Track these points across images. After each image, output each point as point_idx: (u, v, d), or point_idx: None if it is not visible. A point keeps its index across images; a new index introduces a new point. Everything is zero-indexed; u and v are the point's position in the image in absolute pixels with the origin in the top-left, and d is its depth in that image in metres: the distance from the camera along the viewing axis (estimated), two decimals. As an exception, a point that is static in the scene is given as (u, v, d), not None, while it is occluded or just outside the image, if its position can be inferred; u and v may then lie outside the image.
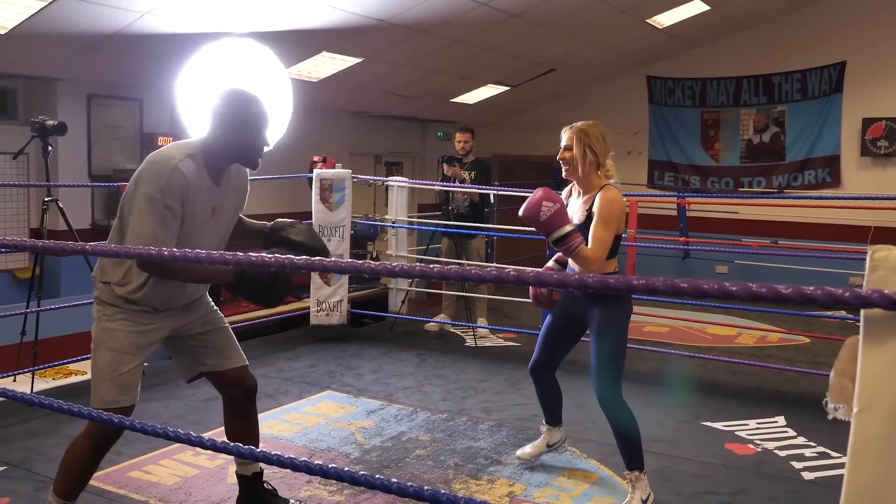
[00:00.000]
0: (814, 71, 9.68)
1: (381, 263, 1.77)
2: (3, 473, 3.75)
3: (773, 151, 10.04)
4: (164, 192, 2.73)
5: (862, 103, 9.38)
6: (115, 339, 2.88)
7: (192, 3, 5.74)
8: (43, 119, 5.58)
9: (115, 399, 2.87)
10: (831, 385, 1.51)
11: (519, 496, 3.65)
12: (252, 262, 1.83)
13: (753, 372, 5.75)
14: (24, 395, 2.38)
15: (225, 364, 3.21)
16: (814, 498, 3.66)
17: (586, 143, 3.53)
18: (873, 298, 1.23)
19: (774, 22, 9.83)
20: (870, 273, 1.30)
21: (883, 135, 9.26)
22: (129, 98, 7.61)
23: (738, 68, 10.11)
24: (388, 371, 5.71)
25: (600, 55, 9.61)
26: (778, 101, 9.96)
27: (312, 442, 4.30)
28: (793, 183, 9.89)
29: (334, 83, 8.23)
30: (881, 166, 9.35)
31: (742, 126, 10.22)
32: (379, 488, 1.67)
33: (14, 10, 5.24)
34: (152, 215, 2.73)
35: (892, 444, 1.27)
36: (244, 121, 2.88)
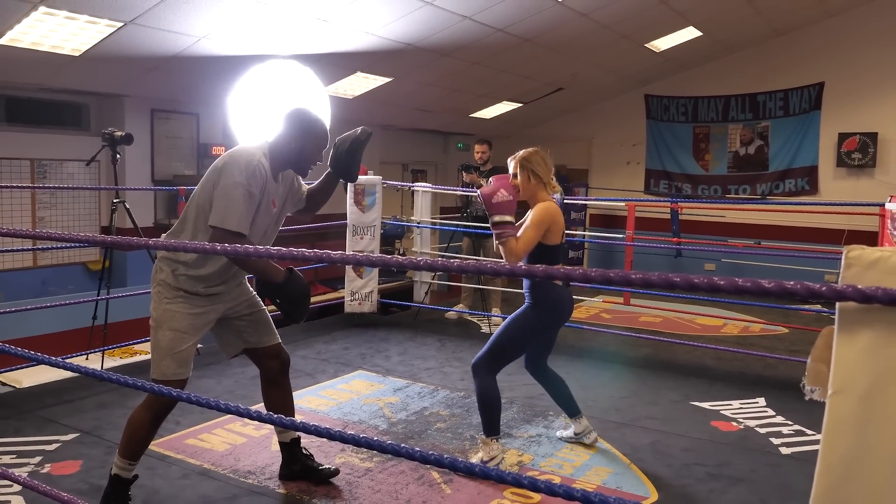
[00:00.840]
0: (795, 90, 9.60)
1: (407, 258, 1.77)
2: (76, 439, 3.80)
3: (758, 162, 9.95)
4: (249, 181, 2.83)
5: (838, 119, 9.30)
6: (176, 319, 2.94)
7: (243, 28, 5.77)
8: (112, 131, 5.64)
9: (175, 372, 2.95)
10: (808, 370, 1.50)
11: (527, 465, 3.65)
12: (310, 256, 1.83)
13: (737, 358, 5.70)
14: (95, 371, 2.41)
15: (265, 342, 3.26)
16: (790, 471, 3.62)
17: (529, 169, 3.52)
18: (848, 293, 1.22)
19: (759, 46, 9.76)
20: (845, 270, 1.29)
21: (857, 148, 9.16)
22: (187, 112, 7.67)
23: (727, 88, 10.05)
24: (412, 354, 5.73)
25: (603, 76, 9.57)
26: (762, 118, 9.88)
27: (346, 415, 4.32)
28: (775, 190, 9.81)
29: (367, 100, 8.25)
30: (855, 176, 9.26)
31: (730, 139, 10.14)
32: (404, 456, 1.68)
33: (87, 35, 5.30)
34: (239, 198, 2.81)
35: (863, 423, 1.26)
36: (310, 136, 3.06)
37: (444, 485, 3.38)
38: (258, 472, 3.46)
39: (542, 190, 3.54)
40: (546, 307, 3.53)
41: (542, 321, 3.56)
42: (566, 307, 3.63)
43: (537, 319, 3.54)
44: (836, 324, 1.29)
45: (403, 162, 11.15)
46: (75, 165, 6.83)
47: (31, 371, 5.08)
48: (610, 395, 4.78)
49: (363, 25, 6.20)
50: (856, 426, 1.27)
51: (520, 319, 3.54)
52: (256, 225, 2.97)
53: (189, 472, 3.46)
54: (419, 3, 5.94)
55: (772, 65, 9.69)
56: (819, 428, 1.32)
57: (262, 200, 2.95)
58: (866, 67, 9.06)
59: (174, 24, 5.38)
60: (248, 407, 1.93)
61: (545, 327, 3.60)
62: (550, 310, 3.55)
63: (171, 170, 7.53)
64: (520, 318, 3.54)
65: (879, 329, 1.24)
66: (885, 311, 1.23)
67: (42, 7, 4.75)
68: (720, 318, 7.22)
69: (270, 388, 3.33)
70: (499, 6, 6.31)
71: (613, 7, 6.97)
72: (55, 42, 5.28)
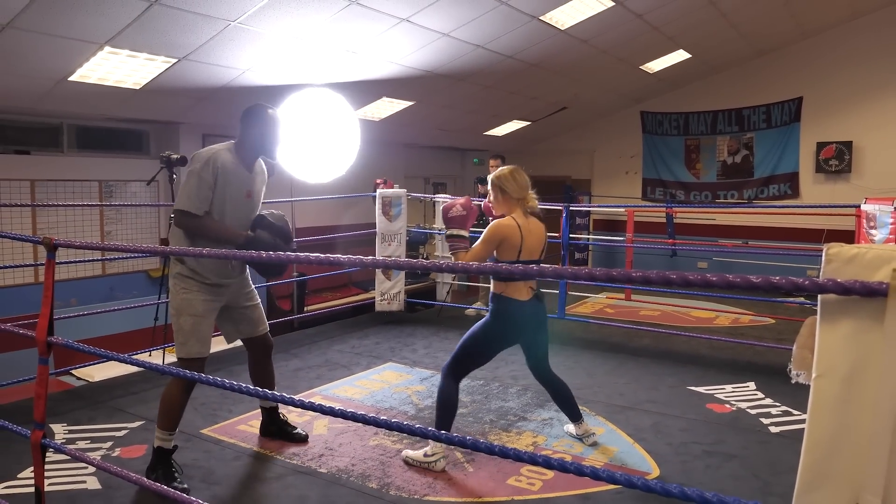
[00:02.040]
0: (776, 105, 9.50)
1: (430, 262, 1.78)
2: (142, 426, 3.84)
3: (744, 170, 9.85)
4: (202, 169, 3.04)
5: (816, 130, 9.19)
6: (194, 306, 3.10)
7: (281, 61, 5.82)
8: (169, 154, 5.71)
9: (199, 352, 3.12)
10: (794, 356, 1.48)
11: (541, 445, 3.63)
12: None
13: (729, 347, 5.64)
14: (157, 365, 2.44)
15: (255, 332, 3.46)
16: (779, 447, 3.58)
17: (498, 187, 3.38)
18: (829, 286, 1.21)
19: (743, 66, 9.67)
20: (825, 265, 1.28)
21: (834, 155, 9.05)
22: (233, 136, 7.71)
23: (715, 104, 9.96)
24: (436, 347, 5.73)
25: (603, 95, 9.53)
26: (747, 130, 9.78)
27: (378, 402, 4.33)
28: (760, 195, 9.70)
29: (392, 121, 8.28)
30: (832, 181, 9.13)
31: (718, 150, 10.05)
32: (431, 438, 1.68)
33: (146, 71, 5.37)
34: (192, 184, 3.02)
35: (844, 404, 1.25)
36: (264, 121, 3.25)
37: (467, 463, 3.37)
38: (301, 454, 3.48)
39: (515, 206, 3.35)
40: (502, 321, 3.28)
41: (498, 334, 3.30)
42: (524, 322, 3.31)
43: (493, 331, 3.30)
44: (818, 314, 1.28)
45: (425, 176, 11.17)
46: (137, 185, 6.92)
47: (101, 367, 5.16)
48: (614, 381, 4.75)
49: (388, 56, 6.23)
50: (838, 406, 1.25)
51: (479, 330, 3.32)
52: (229, 213, 3.14)
53: (241, 454, 3.49)
54: (437, 35, 5.96)
55: (755, 82, 9.60)
56: (804, 408, 1.31)
57: (230, 192, 3.11)
58: (841, 82, 8.96)
59: (221, 58, 5.44)
60: (291, 395, 1.94)
61: (502, 339, 3.33)
62: (506, 324, 3.28)
63: (220, 187, 7.59)
64: (479, 328, 3.33)
65: (858, 318, 1.22)
66: (862, 302, 1.21)
67: (107, 47, 4.83)
68: (713, 310, 7.15)
69: (257, 367, 3.55)
70: (508, 36, 6.32)
71: (611, 34, 6.95)
72: (119, 77, 5.36)
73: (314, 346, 5.70)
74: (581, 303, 7.78)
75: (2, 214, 5.83)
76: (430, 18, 5.58)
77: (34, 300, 2.62)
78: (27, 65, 4.83)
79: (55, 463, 3.24)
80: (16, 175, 6.04)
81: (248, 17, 4.83)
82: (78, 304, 6.24)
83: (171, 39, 4.95)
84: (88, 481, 3.13)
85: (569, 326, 6.16)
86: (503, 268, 1.63)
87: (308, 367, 5.05)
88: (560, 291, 6.12)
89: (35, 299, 2.73)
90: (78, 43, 4.70)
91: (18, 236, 2.93)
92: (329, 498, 3.02)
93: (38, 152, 6.28)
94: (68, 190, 6.45)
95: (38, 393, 2.38)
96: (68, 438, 3.64)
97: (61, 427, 3.80)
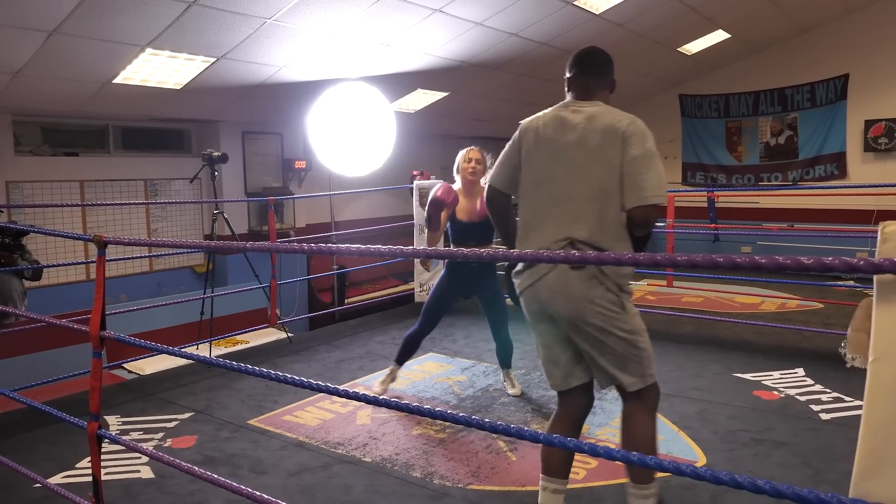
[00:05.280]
0: (821, 83, 9.18)
1: (472, 250, 1.76)
2: (192, 418, 3.93)
3: (788, 151, 9.56)
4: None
5: (864, 107, 8.86)
6: (641, 320, 2.48)
7: (317, 56, 5.86)
8: (210, 152, 5.81)
9: (654, 373, 2.52)
10: (849, 339, 1.43)
11: (584, 434, 3.60)
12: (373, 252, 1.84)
13: (776, 332, 5.50)
14: (205, 357, 2.49)
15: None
16: (830, 434, 3.48)
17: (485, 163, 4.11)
18: (885, 266, 1.16)
19: (785, 44, 9.37)
20: (881, 244, 1.23)
21: (883, 133, 8.72)
22: (272, 132, 7.84)
23: (756, 84, 9.67)
24: (476, 337, 5.72)
25: (640, 79, 9.34)
26: (791, 110, 9.48)
27: (420, 392, 4.35)
28: (805, 176, 9.40)
29: (427, 113, 8.27)
30: (882, 160, 8.80)
31: (760, 131, 9.77)
32: (474, 426, 1.68)
33: (186, 71, 5.46)
34: (659, 164, 2.34)
35: (904, 388, 1.20)
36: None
37: (510, 452, 3.37)
38: (346, 444, 3.52)
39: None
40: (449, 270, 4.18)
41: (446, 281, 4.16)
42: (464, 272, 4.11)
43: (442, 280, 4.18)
44: (874, 295, 1.23)
45: (461, 167, 11.13)
46: (181, 183, 7.06)
47: (151, 360, 5.30)
48: (658, 369, 4.65)
49: (421, 47, 6.22)
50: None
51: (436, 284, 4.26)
52: None
53: (287, 444, 3.54)
54: (470, 24, 5.92)
55: (798, 60, 9.29)
56: (857, 394, 1.27)
57: None
58: (889, 58, 8.61)
59: (258, 56, 5.50)
60: (336, 386, 1.96)
61: (451, 287, 4.18)
62: (450, 272, 4.16)
63: (261, 183, 7.71)
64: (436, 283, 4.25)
65: (917, 299, 1.18)
66: (922, 282, 1.16)
67: (148, 49, 4.93)
68: (758, 296, 6.98)
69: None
70: (542, 22, 6.24)
71: (647, 16, 6.80)
72: (160, 78, 5.47)
73: (356, 337, 5.75)
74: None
75: (54, 214, 6.02)
76: (462, 8, 5.55)
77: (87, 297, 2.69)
78: (73, 69, 4.96)
79: (111, 453, 3.34)
80: (65, 176, 6.22)
81: (283, 14, 4.87)
82: (127, 300, 6.41)
83: (209, 39, 5.02)
84: (142, 470, 3.22)
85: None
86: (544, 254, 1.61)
87: (350, 359, 5.10)
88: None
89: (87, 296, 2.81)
90: (121, 46, 4.80)
91: (71, 234, 3.02)
92: (374, 487, 3.05)
93: (85, 154, 6.46)
94: (115, 189, 6.62)
95: (93, 385, 2.45)
96: (122, 430, 3.75)
97: (115, 419, 3.92)
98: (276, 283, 5.55)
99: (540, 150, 2.45)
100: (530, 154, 2.47)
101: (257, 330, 5.74)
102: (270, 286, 5.53)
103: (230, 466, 3.26)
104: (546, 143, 2.44)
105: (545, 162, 2.43)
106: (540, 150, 2.45)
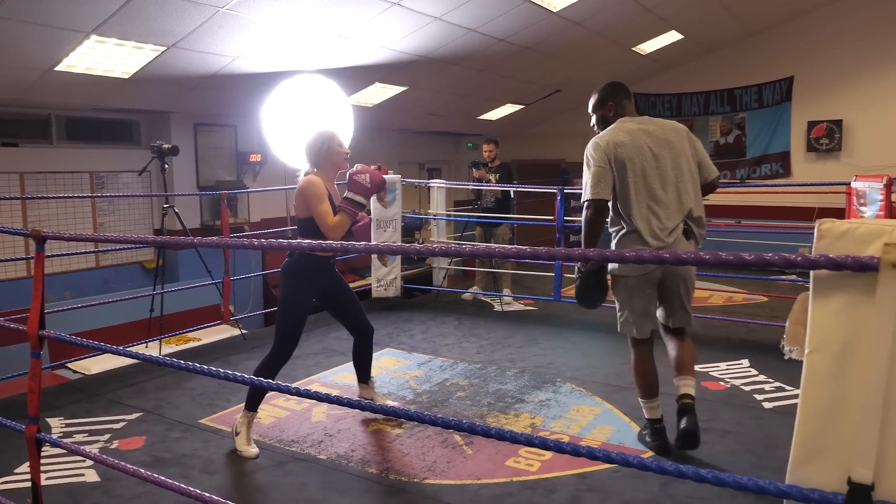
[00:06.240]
0: (768, 84, 9.49)
1: (425, 246, 1.77)
2: (140, 418, 3.84)
3: (737, 150, 9.85)
4: None
5: (807, 109, 9.20)
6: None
7: (272, 47, 5.77)
8: (160, 144, 5.68)
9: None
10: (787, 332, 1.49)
11: (539, 426, 3.65)
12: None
13: (723, 325, 5.67)
14: (154, 357, 2.44)
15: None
16: (773, 423, 3.61)
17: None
18: (821, 261, 1.21)
19: (735, 46, 9.64)
20: (817, 241, 1.28)
21: (824, 134, 9.07)
22: (226, 125, 7.70)
23: (707, 84, 9.94)
24: (433, 332, 5.74)
25: (596, 77, 9.44)
26: (739, 110, 9.78)
27: (377, 388, 4.33)
28: (752, 174, 9.72)
29: (385, 107, 8.24)
30: (823, 160, 9.16)
31: (711, 130, 10.04)
32: (428, 422, 1.69)
33: (135, 60, 5.32)
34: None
35: (837, 378, 1.26)
36: None
37: (466, 446, 3.39)
38: (301, 441, 3.49)
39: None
40: (310, 272, 3.39)
41: (304, 288, 3.39)
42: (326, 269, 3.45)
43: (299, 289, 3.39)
44: (811, 290, 1.28)
45: (420, 161, 11.13)
46: (129, 176, 6.88)
47: (97, 359, 5.15)
48: (611, 361, 4.77)
49: (380, 41, 6.19)
50: (831, 381, 1.26)
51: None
52: None
53: (240, 441, 3.49)
54: (429, 19, 5.91)
55: (747, 62, 9.58)
56: (797, 384, 1.32)
57: None
58: (831, 61, 8.96)
59: (211, 46, 5.39)
60: (288, 384, 1.94)
61: (311, 293, 3.44)
62: (312, 274, 3.40)
63: (214, 176, 7.57)
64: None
65: (850, 293, 1.23)
66: (854, 277, 1.22)
67: (94, 35, 4.78)
68: (706, 290, 7.17)
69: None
70: (500, 18, 6.27)
71: (603, 16, 6.91)
72: (107, 66, 5.31)
73: (311, 333, 5.69)
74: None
75: (-7, 208, 5.80)
76: (421, 2, 5.54)
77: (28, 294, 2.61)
78: (12, 55, 4.77)
79: (54, 457, 3.24)
80: (4, 168, 5.99)
81: (238, 3, 4.79)
82: (72, 297, 6.22)
83: (159, 27, 4.89)
84: (87, 474, 3.13)
85: (564, 308, 6.17)
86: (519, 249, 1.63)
87: (306, 355, 5.06)
88: (556, 274, 6.13)
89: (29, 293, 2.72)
90: (63, 32, 4.64)
91: (7, 229, 2.91)
92: (329, 484, 3.03)
93: (26, 144, 6.23)
94: (59, 182, 6.41)
95: (32, 387, 2.37)
96: (66, 432, 3.64)
97: (58, 420, 3.80)
98: (230, 279, 5.46)
99: (635, 155, 3.08)
100: (624, 162, 3.07)
101: (210, 327, 5.64)
102: (223, 282, 5.44)
103: (180, 467, 3.20)
104: (637, 149, 3.09)
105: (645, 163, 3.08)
106: (635, 155, 3.08)
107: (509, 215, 7.22)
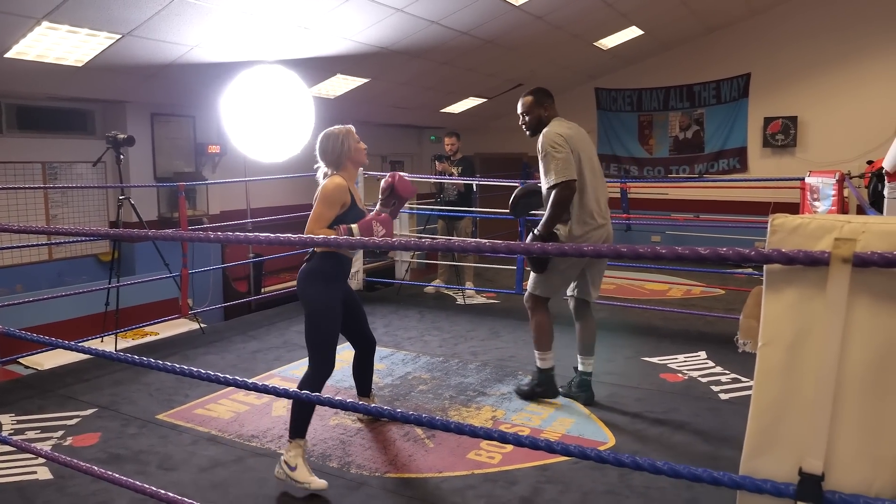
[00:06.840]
0: (725, 81, 9.66)
1: (387, 239, 1.75)
2: (95, 414, 3.74)
3: (695, 145, 10.02)
4: None
5: (763, 105, 9.39)
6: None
7: (231, 37, 5.65)
8: (115, 134, 5.52)
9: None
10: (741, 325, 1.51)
11: (500, 419, 3.67)
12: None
13: (681, 318, 5.77)
14: (109, 352, 2.36)
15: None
16: (729, 413, 3.69)
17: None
18: (773, 256, 1.23)
19: (694, 43, 9.79)
20: (770, 236, 1.30)
21: (780, 130, 9.27)
22: (184, 115, 7.53)
23: (667, 80, 10.07)
24: (395, 325, 5.72)
25: (558, 72, 9.54)
26: (698, 105, 9.94)
27: (338, 382, 4.29)
28: (710, 169, 9.90)
29: (347, 99, 8.15)
30: (779, 155, 9.37)
31: (670, 125, 10.19)
32: (388, 417, 1.67)
33: (88, 47, 5.15)
34: None
35: (789, 371, 1.28)
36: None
37: (427, 440, 3.38)
38: (260, 436, 3.44)
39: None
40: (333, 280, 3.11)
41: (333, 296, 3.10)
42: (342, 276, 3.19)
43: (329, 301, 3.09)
44: (764, 284, 1.30)
45: (382, 154, 11.06)
46: (83, 167, 6.68)
47: (51, 354, 5.00)
48: (571, 354, 4.80)
49: (341, 32, 6.11)
50: (783, 373, 1.28)
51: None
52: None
53: (199, 438, 3.43)
54: (391, 10, 5.86)
55: (705, 59, 9.73)
56: (752, 375, 1.33)
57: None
58: (787, 58, 9.15)
59: (168, 34, 5.25)
60: (246, 379, 1.90)
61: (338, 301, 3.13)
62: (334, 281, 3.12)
63: (171, 167, 7.40)
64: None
65: (802, 287, 1.25)
66: (806, 271, 1.23)
67: (45, 22, 4.61)
68: (666, 283, 7.30)
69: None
70: (462, 12, 6.25)
71: (565, 10, 6.94)
72: (59, 54, 5.13)
73: (272, 327, 5.62)
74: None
75: (-62, 199, 5.56)
76: (382, -7, 5.48)
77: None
78: (-41, 41, 4.58)
79: (5, 454, 3.14)
80: (-48, 157, 5.76)
81: (195, -9, 4.67)
82: (24, 291, 6.02)
83: (113, 14, 4.74)
84: (39, 472, 3.04)
85: (527, 302, 6.20)
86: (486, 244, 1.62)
87: (267, 349, 4.99)
88: (518, 267, 6.16)
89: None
90: (13, 17, 4.46)
91: (-46, 221, 2.79)
92: (289, 479, 2.99)
93: (-25, 133, 6.00)
94: (9, 173, 6.19)
95: (-20, 383, 2.28)
96: (17, 429, 3.53)
97: (9, 417, 3.68)
98: (188, 272, 5.35)
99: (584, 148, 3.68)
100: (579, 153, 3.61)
101: (168, 321, 5.52)
102: (181, 275, 5.32)
103: (137, 464, 3.13)
104: (583, 143, 3.70)
105: (592, 156, 3.77)
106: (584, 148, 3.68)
107: (472, 208, 7.22)
